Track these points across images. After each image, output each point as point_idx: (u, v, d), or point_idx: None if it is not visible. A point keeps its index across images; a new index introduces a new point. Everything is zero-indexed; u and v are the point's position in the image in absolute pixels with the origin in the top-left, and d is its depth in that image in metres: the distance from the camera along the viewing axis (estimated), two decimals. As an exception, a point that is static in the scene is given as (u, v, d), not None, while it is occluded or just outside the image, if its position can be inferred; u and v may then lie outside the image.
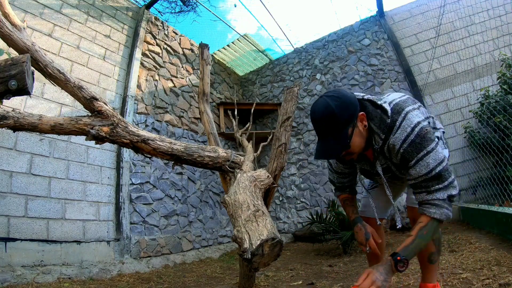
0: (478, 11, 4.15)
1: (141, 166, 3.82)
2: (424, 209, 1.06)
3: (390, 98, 1.19)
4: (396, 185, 1.48)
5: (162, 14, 4.97)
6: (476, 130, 3.74)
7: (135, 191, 3.65)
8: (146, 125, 4.05)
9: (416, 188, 1.09)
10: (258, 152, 4.40)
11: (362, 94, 1.20)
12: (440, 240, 1.33)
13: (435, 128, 1.30)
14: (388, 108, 1.11)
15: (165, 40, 4.78)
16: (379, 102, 1.14)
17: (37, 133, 1.89)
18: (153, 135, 1.68)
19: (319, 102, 1.09)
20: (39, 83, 2.93)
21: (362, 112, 1.11)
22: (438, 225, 1.04)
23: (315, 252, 3.65)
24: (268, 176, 1.69)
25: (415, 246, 1.02)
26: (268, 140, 4.92)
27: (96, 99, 1.58)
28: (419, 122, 1.05)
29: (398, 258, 0.99)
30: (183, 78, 4.93)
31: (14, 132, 1.47)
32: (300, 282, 2.32)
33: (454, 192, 1.04)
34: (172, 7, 4.97)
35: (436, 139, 1.08)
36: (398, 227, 1.25)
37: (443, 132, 1.34)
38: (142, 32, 4.30)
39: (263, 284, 2.37)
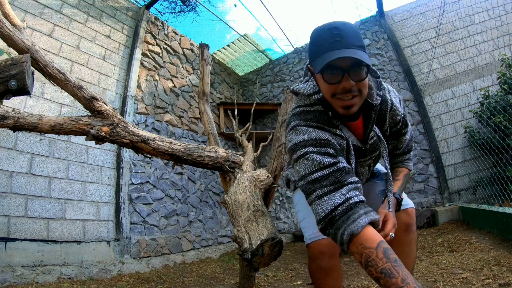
0: (478, 11, 4.15)
1: (141, 166, 3.82)
2: (405, 164, 1.19)
3: None
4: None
5: (162, 14, 4.97)
6: (476, 130, 3.74)
7: (135, 191, 3.65)
8: (146, 125, 4.05)
9: (403, 155, 1.17)
10: (258, 152, 4.39)
11: None
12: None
13: None
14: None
15: (165, 40, 4.78)
16: None
17: (37, 133, 1.89)
18: (153, 135, 1.69)
19: (335, 21, 0.83)
20: (39, 83, 2.93)
21: None
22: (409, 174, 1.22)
23: (315, 252, 3.64)
24: (268, 176, 1.69)
25: (402, 187, 1.14)
26: (268, 140, 4.90)
27: (96, 99, 1.59)
28: None
29: (400, 197, 1.09)
30: (183, 78, 4.93)
31: (14, 132, 1.47)
32: (300, 282, 2.33)
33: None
34: (172, 7, 4.97)
35: None
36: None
37: None
38: (142, 32, 4.30)
39: (263, 284, 2.37)
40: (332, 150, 0.84)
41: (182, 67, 4.99)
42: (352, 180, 0.82)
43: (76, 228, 2.94)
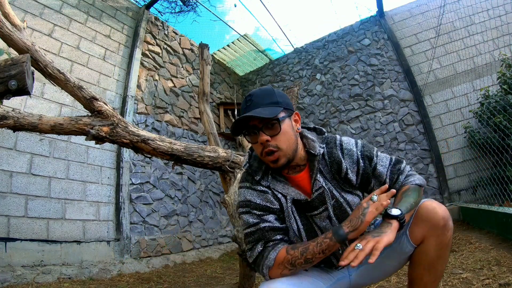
0: (478, 11, 4.15)
1: (141, 166, 3.82)
2: (405, 183, 0.98)
3: None
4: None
5: (162, 14, 4.97)
6: (476, 130, 3.74)
7: (135, 191, 3.65)
8: (146, 125, 4.05)
9: (391, 181, 0.99)
10: (258, 152, 4.39)
11: None
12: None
13: None
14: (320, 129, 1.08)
15: (165, 40, 4.78)
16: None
17: (37, 133, 1.89)
18: (153, 135, 1.69)
19: (256, 89, 1.00)
20: (39, 83, 2.93)
21: (297, 112, 1.02)
22: (420, 189, 0.96)
23: (315, 252, 3.64)
24: (268, 176, 1.69)
25: (405, 202, 0.88)
26: (268, 140, 4.91)
27: (96, 99, 1.59)
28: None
29: (399, 217, 0.82)
30: (183, 78, 4.93)
31: (14, 132, 1.47)
32: (300, 282, 2.32)
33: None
34: (172, 7, 4.97)
35: None
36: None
37: None
38: (142, 32, 4.30)
39: (263, 284, 2.37)
40: (255, 210, 0.96)
41: (182, 67, 4.99)
42: (275, 238, 0.92)
43: (76, 228, 2.94)
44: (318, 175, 0.97)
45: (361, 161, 0.99)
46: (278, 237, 0.92)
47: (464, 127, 3.95)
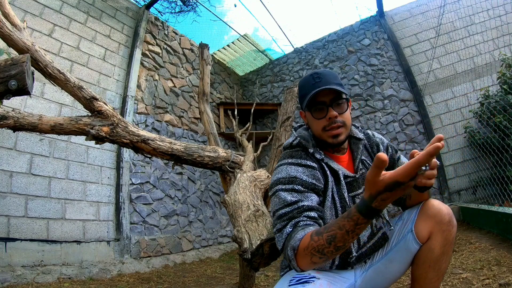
0: (478, 11, 4.15)
1: (141, 166, 3.81)
2: None
3: None
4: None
5: (162, 14, 4.96)
6: (476, 130, 3.74)
7: (135, 191, 3.65)
8: (146, 125, 4.05)
9: None
10: (258, 152, 4.41)
11: None
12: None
13: None
14: None
15: (165, 40, 4.78)
16: None
17: (37, 133, 1.89)
18: (153, 135, 1.69)
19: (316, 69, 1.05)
20: (39, 83, 2.92)
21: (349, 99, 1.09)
22: None
23: (315, 252, 3.64)
24: (268, 176, 1.69)
25: None
26: (268, 140, 4.92)
27: (96, 99, 1.59)
28: None
29: None
30: (183, 78, 4.93)
31: (14, 132, 1.47)
32: (300, 282, 2.31)
33: None
34: (172, 7, 4.96)
35: None
36: None
37: None
38: (142, 32, 4.30)
39: (263, 284, 2.37)
40: (299, 187, 0.90)
41: (182, 67, 4.99)
42: (308, 215, 0.84)
43: (76, 228, 2.94)
44: (359, 156, 1.05)
45: (389, 148, 1.14)
46: (312, 214, 0.84)
47: (464, 127, 3.95)
